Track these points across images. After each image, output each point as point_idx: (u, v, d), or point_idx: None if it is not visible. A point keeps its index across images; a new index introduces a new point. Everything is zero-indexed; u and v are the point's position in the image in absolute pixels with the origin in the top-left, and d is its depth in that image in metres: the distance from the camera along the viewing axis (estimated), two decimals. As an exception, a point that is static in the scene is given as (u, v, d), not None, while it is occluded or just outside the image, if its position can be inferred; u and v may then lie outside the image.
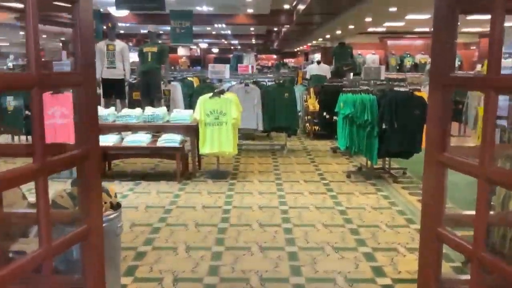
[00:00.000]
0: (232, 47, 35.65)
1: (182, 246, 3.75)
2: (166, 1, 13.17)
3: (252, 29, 24.17)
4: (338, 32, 18.72)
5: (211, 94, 5.82)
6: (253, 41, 32.91)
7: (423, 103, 5.82)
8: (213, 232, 4.08)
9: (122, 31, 25.46)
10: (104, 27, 12.10)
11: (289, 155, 7.70)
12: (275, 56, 39.42)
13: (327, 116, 7.78)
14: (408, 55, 16.92)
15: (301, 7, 14.15)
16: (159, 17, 14.97)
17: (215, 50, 40.28)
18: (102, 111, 6.11)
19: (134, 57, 11.42)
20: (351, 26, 16.39)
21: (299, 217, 4.52)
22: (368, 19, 14.06)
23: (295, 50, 35.39)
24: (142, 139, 5.81)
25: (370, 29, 17.53)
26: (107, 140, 5.80)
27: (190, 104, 8.05)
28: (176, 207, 4.81)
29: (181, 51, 39.18)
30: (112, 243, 2.71)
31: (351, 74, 10.76)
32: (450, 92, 1.58)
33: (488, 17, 1.20)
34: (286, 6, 16.07)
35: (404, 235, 4.06)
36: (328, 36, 22.07)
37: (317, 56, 22.92)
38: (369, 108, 5.74)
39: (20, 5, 1.31)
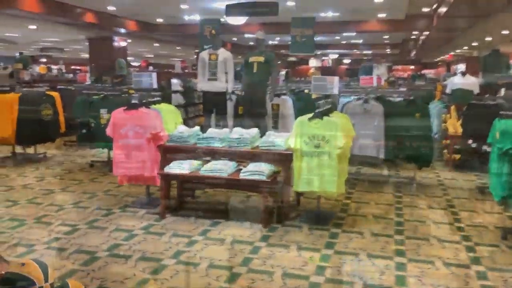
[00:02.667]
0: (365, 58, 33.64)
1: None
2: (287, 8, 12.16)
3: (386, 37, 22.13)
4: (488, 38, 15.98)
5: (311, 114, 4.45)
6: (388, 50, 30.63)
7: None
8: (283, 331, 2.71)
9: (251, 43, 25.37)
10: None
11: (419, 192, 5.96)
12: (412, 67, 36.33)
13: (474, 145, 5.87)
14: None
15: (443, 9, 12.05)
16: (284, 26, 14.02)
17: (346, 61, 38.56)
18: (183, 131, 5.12)
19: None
20: (505, 32, 13.70)
21: (424, 313, 2.92)
22: (531, 21, 11.46)
23: (435, 60, 32.12)
24: (222, 168, 4.66)
25: (532, 34, 14.56)
26: (181, 166, 4.79)
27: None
28: (247, 270, 3.52)
29: (313, 63, 38.18)
30: None
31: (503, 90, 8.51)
32: None
33: None
34: (425, 9, 13.96)
35: None
36: (474, 44, 19.19)
37: (461, 67, 20.07)
38: (544, 142, 3.87)
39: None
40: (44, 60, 27.89)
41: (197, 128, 5.37)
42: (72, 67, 28.60)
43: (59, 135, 8.31)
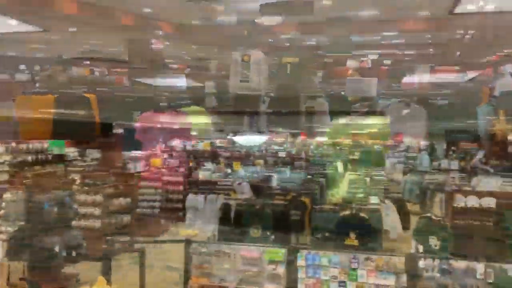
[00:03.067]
0: (406, 58, 32.65)
1: None
2: (323, 7, 11.81)
3: (428, 36, 21.34)
4: (542, 36, 15.07)
5: (346, 119, 4.18)
6: (431, 51, 29.62)
7: None
8: None
9: (288, 44, 25.04)
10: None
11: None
12: (456, 68, 35.01)
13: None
14: None
15: (491, 6, 11.43)
16: (321, 26, 13.67)
17: (387, 61, 37.64)
18: (213, 134, 4.95)
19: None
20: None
21: None
22: None
23: (482, 61, 30.87)
24: (253, 174, 4.46)
25: None
26: (211, 171, 4.62)
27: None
28: (274, 286, 3.30)
29: (351, 63, 37.40)
30: None
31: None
32: None
33: None
34: (471, 7, 13.27)
35: None
36: (525, 43, 18.19)
37: (510, 68, 19.11)
38: None
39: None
40: (87, 62, 28.50)
41: (228, 131, 5.18)
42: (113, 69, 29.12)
43: (95, 137, 8.33)
